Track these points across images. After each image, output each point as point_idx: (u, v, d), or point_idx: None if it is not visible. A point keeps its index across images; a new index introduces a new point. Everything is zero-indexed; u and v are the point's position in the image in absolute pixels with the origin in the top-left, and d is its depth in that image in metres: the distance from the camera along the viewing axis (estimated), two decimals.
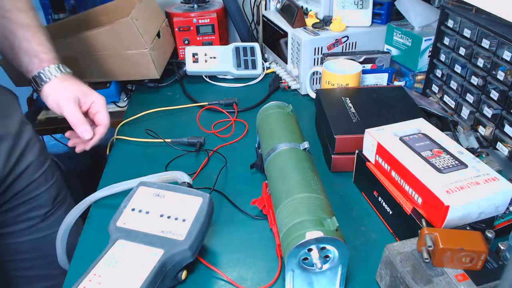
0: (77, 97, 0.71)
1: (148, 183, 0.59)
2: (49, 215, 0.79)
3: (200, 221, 0.54)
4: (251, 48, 1.11)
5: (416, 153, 0.57)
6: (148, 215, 0.55)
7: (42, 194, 0.77)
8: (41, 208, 0.78)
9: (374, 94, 0.81)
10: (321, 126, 0.81)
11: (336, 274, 0.49)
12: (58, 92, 0.71)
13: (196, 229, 0.53)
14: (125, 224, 0.54)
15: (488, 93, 0.73)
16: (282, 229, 0.49)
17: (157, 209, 0.56)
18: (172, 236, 0.52)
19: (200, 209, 0.55)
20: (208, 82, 1.11)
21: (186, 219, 0.54)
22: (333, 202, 0.55)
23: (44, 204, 0.78)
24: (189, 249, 0.51)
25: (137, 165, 0.78)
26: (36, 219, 0.78)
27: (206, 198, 0.56)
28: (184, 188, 0.58)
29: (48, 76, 0.70)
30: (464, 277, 0.46)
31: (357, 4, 0.99)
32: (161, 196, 0.57)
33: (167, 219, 0.54)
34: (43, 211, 0.78)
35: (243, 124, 0.90)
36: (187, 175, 0.65)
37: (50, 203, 0.79)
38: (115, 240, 0.53)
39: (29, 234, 0.77)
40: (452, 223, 0.51)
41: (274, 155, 0.61)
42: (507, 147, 0.70)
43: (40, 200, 0.77)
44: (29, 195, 0.75)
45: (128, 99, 1.10)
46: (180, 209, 0.55)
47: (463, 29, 0.78)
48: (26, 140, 0.74)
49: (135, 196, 0.58)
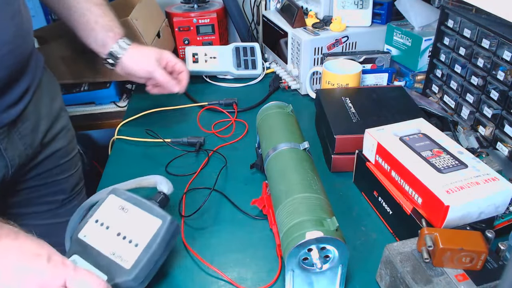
0: (157, 58, 0.79)
1: (118, 192, 0.54)
2: (66, 203, 0.84)
3: (152, 248, 0.48)
4: (251, 48, 1.11)
5: (416, 153, 0.57)
6: (107, 231, 0.51)
7: (63, 180, 0.82)
8: (60, 194, 0.83)
9: (374, 94, 0.81)
10: (321, 126, 0.81)
11: (336, 274, 0.49)
12: (140, 59, 0.79)
13: (145, 258, 0.47)
14: (85, 236, 0.51)
15: (488, 93, 0.73)
16: (282, 229, 0.49)
17: (116, 226, 0.51)
18: (120, 262, 0.48)
19: (155, 234, 0.49)
20: (208, 82, 1.11)
21: (139, 244, 0.49)
22: (333, 202, 0.55)
23: (63, 190, 0.83)
24: (133, 280, 0.46)
25: (137, 165, 0.78)
26: (54, 203, 0.82)
27: (165, 221, 0.50)
28: (149, 205, 0.51)
29: (124, 46, 0.78)
30: (464, 277, 0.46)
31: (357, 4, 0.99)
32: (125, 210, 0.52)
33: (122, 239, 0.49)
34: (62, 197, 0.83)
35: (243, 124, 0.90)
36: (167, 183, 0.58)
37: (69, 191, 0.84)
38: (71, 255, 0.50)
39: (46, 219, 0.82)
40: (452, 223, 0.51)
41: (274, 155, 0.61)
42: (507, 147, 0.70)
43: (61, 186, 0.82)
44: (52, 178, 0.80)
45: (128, 99, 1.10)
46: (136, 230, 0.50)
47: (463, 29, 0.78)
48: (61, 125, 0.79)
49: (103, 206, 0.53)
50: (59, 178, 0.81)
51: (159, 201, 0.55)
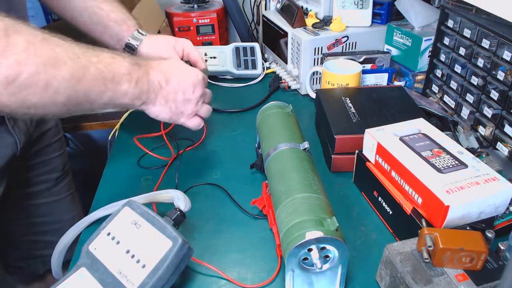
0: (173, 46, 0.78)
1: (134, 205, 0.52)
2: (59, 181, 0.91)
3: (159, 272, 0.46)
4: (251, 48, 1.11)
5: (416, 153, 0.57)
6: (116, 247, 0.49)
7: (56, 159, 0.88)
8: (54, 172, 0.89)
9: (374, 94, 0.81)
10: (321, 126, 0.81)
11: (336, 274, 0.49)
12: (156, 47, 0.78)
13: (151, 282, 0.45)
14: (96, 249, 0.50)
15: (488, 93, 0.73)
16: (282, 229, 0.49)
17: (127, 242, 0.49)
18: (125, 283, 0.46)
19: (164, 256, 0.46)
20: (208, 82, 1.10)
21: (146, 265, 0.47)
22: (333, 202, 0.55)
23: (56, 168, 0.89)
24: None
25: (137, 165, 0.78)
26: (50, 182, 0.88)
27: (176, 244, 0.47)
28: (162, 223, 0.49)
29: (139, 37, 0.77)
30: (464, 277, 0.46)
31: (357, 4, 0.99)
32: (137, 225, 0.50)
33: (130, 258, 0.48)
34: (56, 175, 0.89)
35: (244, 124, 0.90)
36: (184, 199, 0.56)
37: (61, 169, 0.90)
38: (79, 267, 0.49)
39: (45, 197, 0.88)
40: (452, 223, 0.51)
41: (274, 155, 0.61)
42: (507, 147, 0.70)
43: (54, 164, 0.88)
44: (47, 156, 0.86)
45: None
46: (146, 249, 0.48)
47: (463, 29, 0.78)
48: None
49: (117, 218, 0.52)
50: (53, 156, 0.87)
51: (174, 219, 0.53)
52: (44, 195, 0.88)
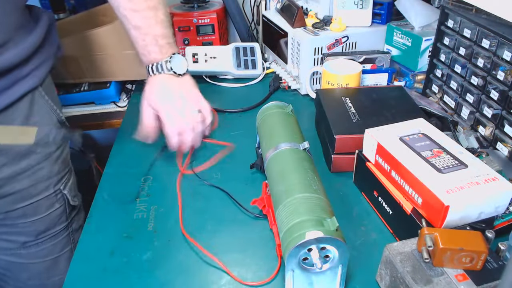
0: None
1: None
2: (30, 245, 0.74)
3: None
4: (251, 48, 1.11)
5: (416, 153, 0.57)
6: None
7: (25, 224, 0.71)
8: (21, 236, 0.73)
9: (374, 94, 0.81)
10: (321, 126, 0.81)
11: (336, 274, 0.49)
12: (146, 95, 0.72)
13: None
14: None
15: (488, 93, 0.73)
16: (282, 229, 0.49)
17: None
18: None
19: None
20: (208, 82, 1.11)
21: None
22: (333, 202, 0.55)
23: (26, 233, 0.73)
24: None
25: (137, 165, 0.78)
26: (14, 243, 0.73)
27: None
28: None
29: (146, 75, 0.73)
30: (464, 277, 0.46)
31: (357, 4, 0.99)
32: None
33: None
34: (23, 239, 0.73)
35: (244, 124, 0.90)
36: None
37: (34, 235, 0.74)
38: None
39: (5, 255, 0.74)
40: (452, 223, 0.51)
41: (274, 155, 0.61)
42: (507, 147, 0.70)
43: (22, 229, 0.72)
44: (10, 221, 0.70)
45: (128, 99, 1.10)
46: None
47: (463, 29, 0.78)
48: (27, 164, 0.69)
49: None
50: (19, 222, 0.70)
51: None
52: (4, 253, 0.73)
